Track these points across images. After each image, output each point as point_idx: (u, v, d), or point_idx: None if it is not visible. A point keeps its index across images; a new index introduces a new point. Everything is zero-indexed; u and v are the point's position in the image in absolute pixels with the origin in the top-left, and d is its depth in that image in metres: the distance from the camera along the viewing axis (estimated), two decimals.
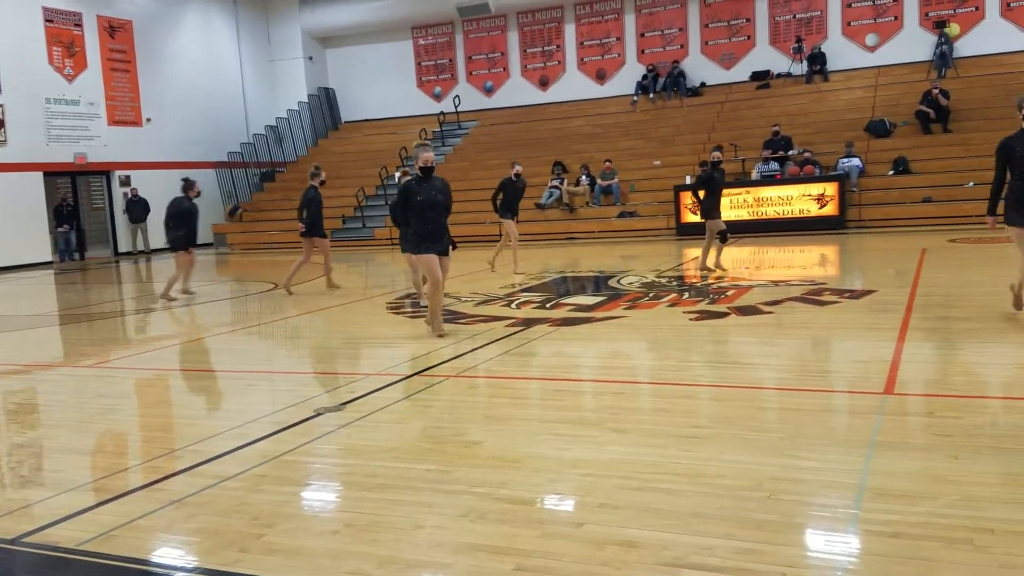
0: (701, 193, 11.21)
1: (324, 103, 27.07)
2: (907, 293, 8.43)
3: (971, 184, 16.08)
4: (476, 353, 6.71)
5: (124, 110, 22.22)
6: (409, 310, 9.35)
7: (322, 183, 11.48)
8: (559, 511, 3.49)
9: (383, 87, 26.59)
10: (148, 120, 22.71)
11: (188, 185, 11.34)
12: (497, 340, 7.16)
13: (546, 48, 24.80)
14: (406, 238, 7.72)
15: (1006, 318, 6.80)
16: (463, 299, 9.78)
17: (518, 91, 25.13)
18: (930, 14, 20.65)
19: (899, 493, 3.34)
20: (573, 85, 24.45)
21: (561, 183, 19.77)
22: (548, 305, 9.06)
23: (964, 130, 17.84)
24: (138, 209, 21.76)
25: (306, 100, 26.39)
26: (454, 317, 8.52)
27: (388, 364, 6.46)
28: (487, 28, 25.39)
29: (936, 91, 18.05)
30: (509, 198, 12.13)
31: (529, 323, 7.88)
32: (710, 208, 11.06)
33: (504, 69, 25.38)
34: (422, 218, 7.23)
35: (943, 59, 19.83)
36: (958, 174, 16.49)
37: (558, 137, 22.28)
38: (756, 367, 5.92)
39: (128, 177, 22.13)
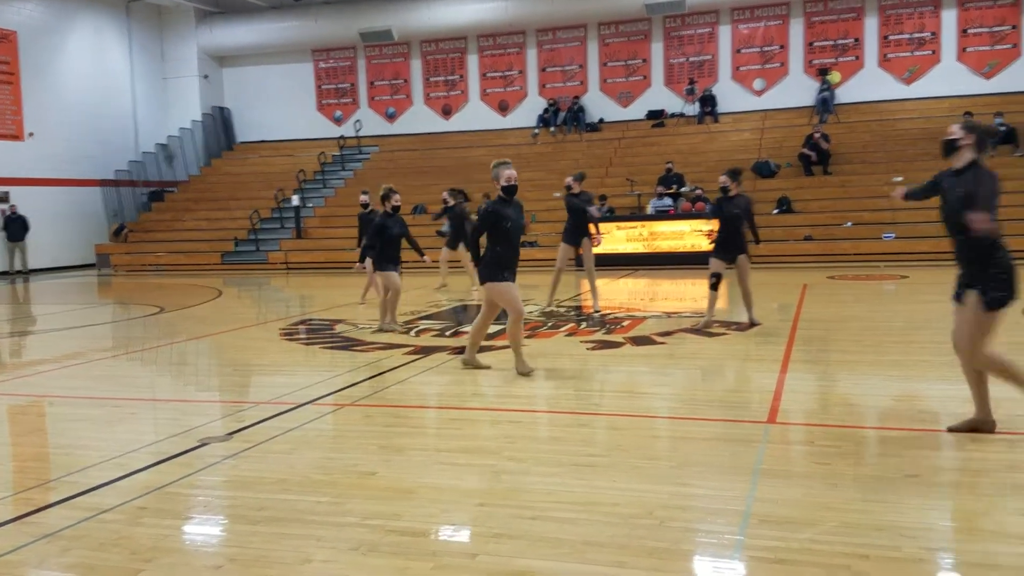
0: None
1: (219, 122, 26.38)
2: (789, 326, 8.81)
3: (848, 224, 17.02)
4: (372, 381, 6.61)
5: (5, 124, 21.04)
6: (303, 337, 9.14)
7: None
8: (453, 542, 3.46)
9: (281, 109, 26.14)
10: (31, 135, 21.57)
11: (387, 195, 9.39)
12: (394, 368, 7.08)
13: (449, 77, 24.97)
14: (486, 265, 6.65)
15: (880, 351, 7.19)
16: (360, 326, 9.64)
17: (421, 119, 25.16)
18: (814, 61, 21.88)
19: (782, 520, 3.47)
20: (476, 115, 24.67)
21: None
22: (447, 333, 9.03)
23: (843, 173, 18.91)
24: (16, 227, 20.54)
25: (200, 119, 25.65)
26: (350, 344, 8.38)
27: (279, 392, 6.28)
28: (390, 55, 25.38)
29: (818, 135, 19.09)
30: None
31: (427, 351, 7.82)
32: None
33: (407, 96, 25.38)
34: (508, 244, 6.60)
35: (825, 105, 21.02)
36: (837, 214, 17.43)
37: (460, 166, 22.38)
38: (649, 396, 6.05)
39: (7, 193, 20.91)
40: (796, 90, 21.98)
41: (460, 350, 7.80)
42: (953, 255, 4.57)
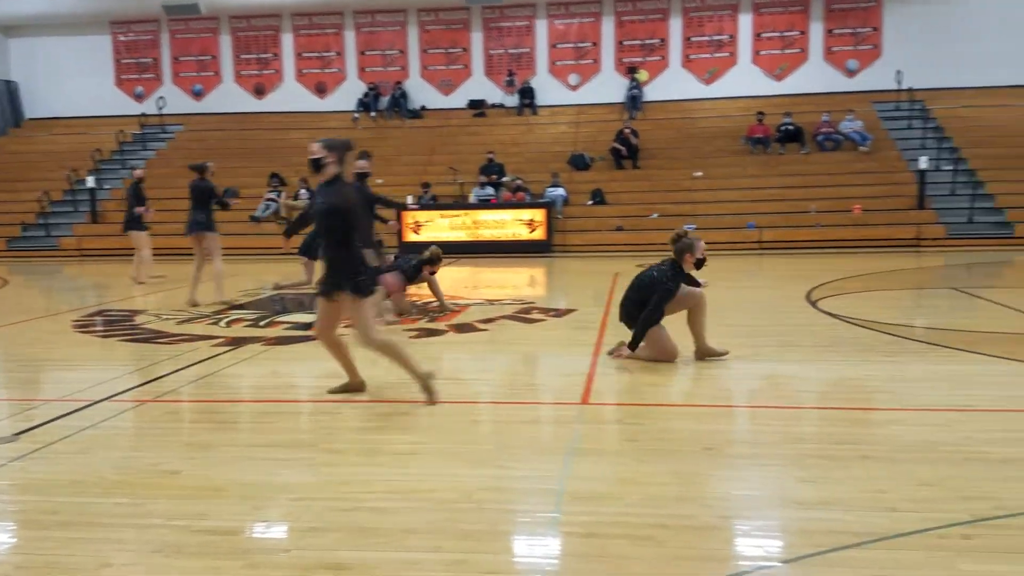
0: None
1: (4, 98, 23.93)
2: (602, 312, 9.19)
3: (655, 216, 17.98)
4: (178, 375, 6.25)
5: None
6: (99, 329, 8.49)
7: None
8: (266, 539, 3.33)
9: (76, 83, 24.08)
10: None
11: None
12: (202, 361, 6.72)
13: (262, 56, 23.98)
14: None
15: (683, 334, 7.65)
16: (164, 316, 9.08)
17: (231, 97, 24.01)
18: (624, 60, 22.88)
19: (592, 496, 3.61)
20: (291, 96, 23.85)
21: (278, 196, 19.15)
22: (262, 323, 8.69)
23: (651, 167, 19.95)
24: None
25: None
26: (153, 336, 7.88)
27: (72, 389, 5.80)
28: (197, 29, 24.01)
29: (627, 131, 20.01)
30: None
31: (239, 342, 7.49)
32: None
33: (216, 73, 24.13)
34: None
35: (633, 102, 22.06)
36: (645, 206, 18.38)
37: (275, 148, 21.58)
38: (471, 382, 6.11)
39: None
40: (608, 86, 22.89)
41: (276, 340, 7.54)
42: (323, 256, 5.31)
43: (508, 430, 4.76)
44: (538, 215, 17.53)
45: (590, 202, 18.78)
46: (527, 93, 22.72)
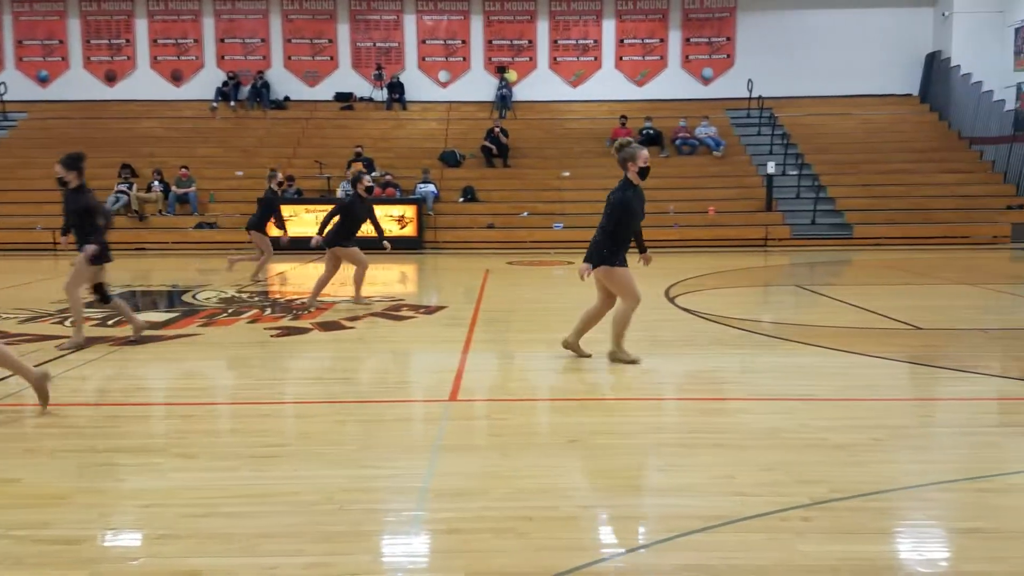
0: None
1: None
2: (473, 309, 9.24)
3: (525, 214, 18.24)
4: (17, 378, 5.81)
5: None
6: None
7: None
8: (113, 547, 3.16)
9: None
10: None
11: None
12: (46, 362, 6.29)
13: (114, 41, 22.68)
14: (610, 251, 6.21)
15: (550, 330, 7.80)
16: (5, 315, 8.45)
17: (80, 84, 22.61)
18: (493, 59, 23.06)
19: (457, 492, 3.63)
20: (145, 84, 22.69)
21: (130, 188, 18.17)
22: (110, 323, 8.22)
23: (521, 166, 20.21)
24: None
25: None
26: None
27: None
28: (43, 12, 22.47)
29: (497, 129, 20.20)
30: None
31: (86, 343, 7.05)
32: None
33: (63, 59, 22.64)
34: (629, 229, 6.22)
35: (503, 101, 22.28)
36: (516, 204, 18.61)
37: (127, 138, 20.49)
38: (337, 382, 6.00)
39: None
40: (478, 85, 23.03)
41: (129, 340, 7.17)
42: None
43: (374, 429, 4.71)
44: (409, 211, 17.42)
45: (461, 199, 18.83)
46: (396, 88, 22.53)
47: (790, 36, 22.66)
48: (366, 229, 9.45)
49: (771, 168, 18.47)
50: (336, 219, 9.22)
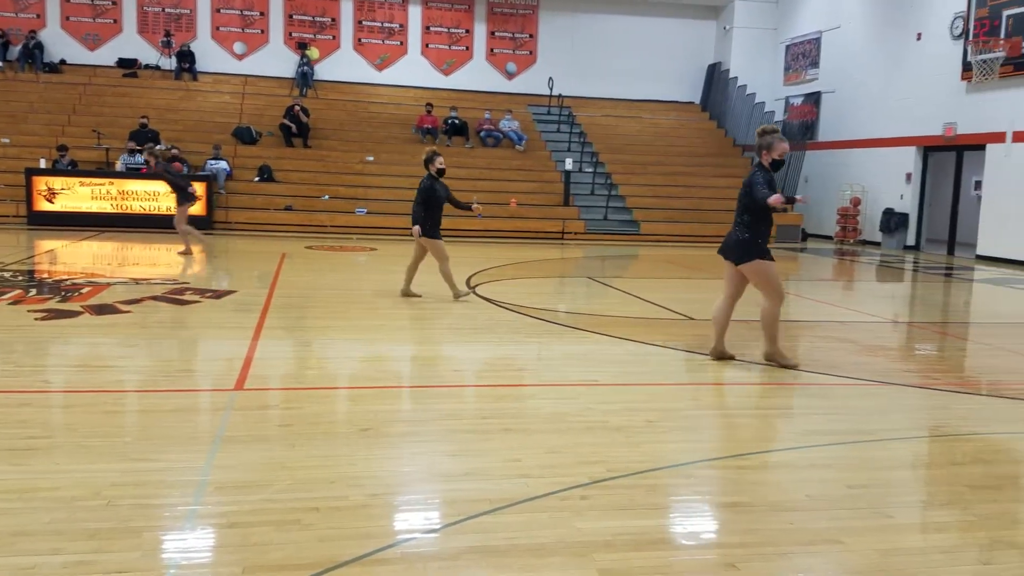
0: None
1: None
2: (266, 294, 8.90)
3: (326, 197, 17.79)
4: None
5: None
6: None
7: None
8: None
9: None
10: None
11: None
12: None
13: None
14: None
15: (348, 317, 7.67)
16: None
17: None
18: (293, 34, 22.26)
19: (238, 484, 3.49)
20: None
21: None
22: None
23: (322, 147, 19.67)
24: None
25: None
26: None
27: None
28: None
29: (298, 108, 19.52)
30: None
31: None
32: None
33: None
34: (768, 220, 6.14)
35: (304, 79, 21.56)
36: (316, 187, 18.09)
37: None
38: (109, 369, 5.57)
39: None
40: (277, 60, 22.15)
41: None
42: None
43: (150, 420, 4.42)
44: (198, 189, 16.43)
45: (257, 179, 18.05)
46: (186, 57, 21.17)
47: (588, 38, 23.64)
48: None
49: (569, 165, 19.21)
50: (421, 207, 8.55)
